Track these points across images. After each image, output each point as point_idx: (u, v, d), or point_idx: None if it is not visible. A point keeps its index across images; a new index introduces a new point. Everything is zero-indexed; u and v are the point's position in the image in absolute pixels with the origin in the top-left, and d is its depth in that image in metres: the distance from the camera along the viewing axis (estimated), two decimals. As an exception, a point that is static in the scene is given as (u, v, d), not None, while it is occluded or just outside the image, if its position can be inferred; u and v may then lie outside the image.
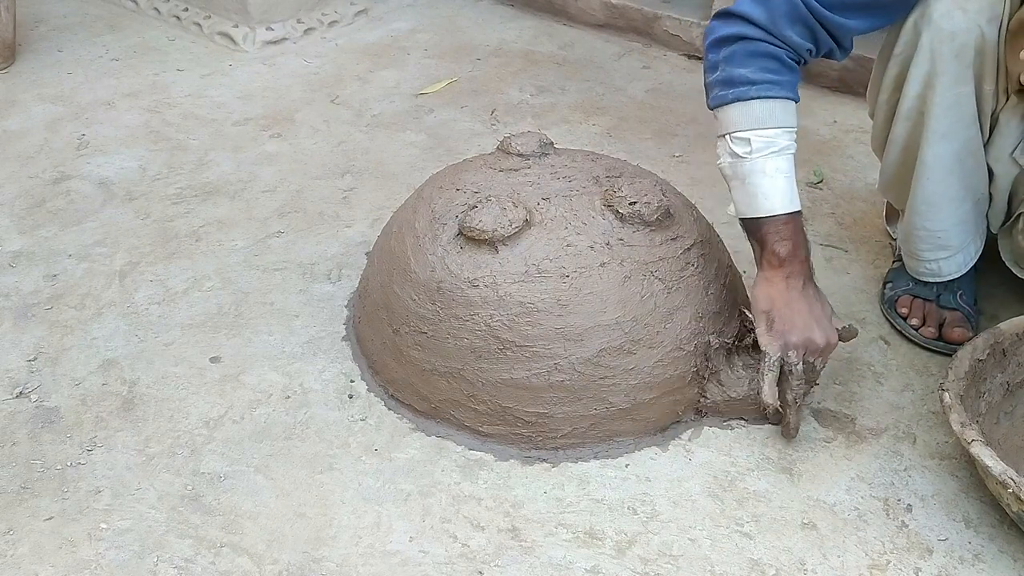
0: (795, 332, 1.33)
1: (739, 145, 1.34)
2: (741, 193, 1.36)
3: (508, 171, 1.51)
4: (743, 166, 1.34)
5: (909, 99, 1.41)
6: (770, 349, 1.33)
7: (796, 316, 1.33)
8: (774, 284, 1.34)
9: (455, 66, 2.56)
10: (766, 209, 1.34)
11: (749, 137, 1.33)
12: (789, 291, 1.34)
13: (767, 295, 1.35)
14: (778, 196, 1.33)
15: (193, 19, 2.76)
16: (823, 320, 1.36)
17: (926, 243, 1.53)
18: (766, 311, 1.34)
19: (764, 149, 1.33)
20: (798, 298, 1.34)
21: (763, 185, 1.33)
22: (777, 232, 1.34)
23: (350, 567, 1.22)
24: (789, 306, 1.34)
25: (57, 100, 2.38)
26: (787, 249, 1.33)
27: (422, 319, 1.40)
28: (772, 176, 1.33)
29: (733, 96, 1.33)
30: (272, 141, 2.21)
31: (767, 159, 1.33)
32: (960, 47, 1.33)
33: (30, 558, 1.24)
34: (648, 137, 2.21)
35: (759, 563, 1.23)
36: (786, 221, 1.34)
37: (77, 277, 1.75)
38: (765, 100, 1.32)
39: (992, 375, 1.36)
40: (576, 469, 1.36)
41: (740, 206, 1.37)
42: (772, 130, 1.33)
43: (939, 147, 1.41)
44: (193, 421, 1.44)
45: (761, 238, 1.35)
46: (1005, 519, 1.27)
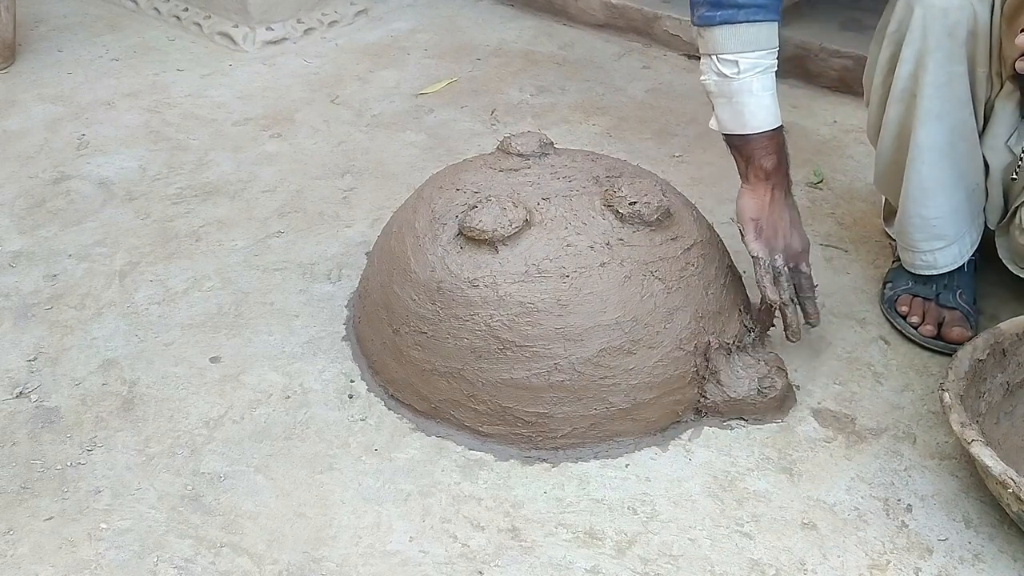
0: (779, 238, 1.44)
1: (727, 66, 1.39)
2: (728, 111, 1.41)
3: (508, 171, 1.51)
4: (730, 85, 1.39)
5: (902, 79, 1.43)
6: (761, 252, 1.42)
7: (779, 223, 1.44)
8: (758, 194, 1.42)
9: (455, 66, 2.56)
10: (753, 126, 1.40)
11: (737, 59, 1.37)
12: (773, 201, 1.43)
13: (754, 204, 1.43)
14: (764, 113, 1.39)
15: (193, 19, 2.76)
16: (799, 225, 1.47)
17: (921, 232, 1.53)
18: (754, 219, 1.43)
19: (751, 69, 1.38)
20: (781, 207, 1.44)
21: (750, 104, 1.39)
22: (763, 147, 1.40)
23: (350, 567, 1.22)
24: (773, 214, 1.43)
25: (57, 100, 2.38)
26: (772, 163, 1.41)
27: (422, 319, 1.40)
28: (758, 95, 1.39)
29: (721, 19, 1.37)
30: (272, 141, 2.21)
31: (754, 78, 1.38)
32: (953, 24, 1.35)
33: (30, 558, 1.24)
34: (648, 137, 2.21)
35: (759, 563, 1.23)
36: (771, 136, 1.41)
37: (77, 277, 1.75)
38: (752, 24, 1.36)
39: (992, 375, 1.36)
40: (576, 469, 1.36)
41: (726, 123, 1.43)
42: (759, 52, 1.38)
43: (931, 127, 1.42)
44: (193, 421, 1.44)
45: (748, 153, 1.42)
46: (1005, 519, 1.27)
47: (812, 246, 1.79)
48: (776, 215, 1.43)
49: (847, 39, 2.38)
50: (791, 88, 2.36)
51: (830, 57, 2.35)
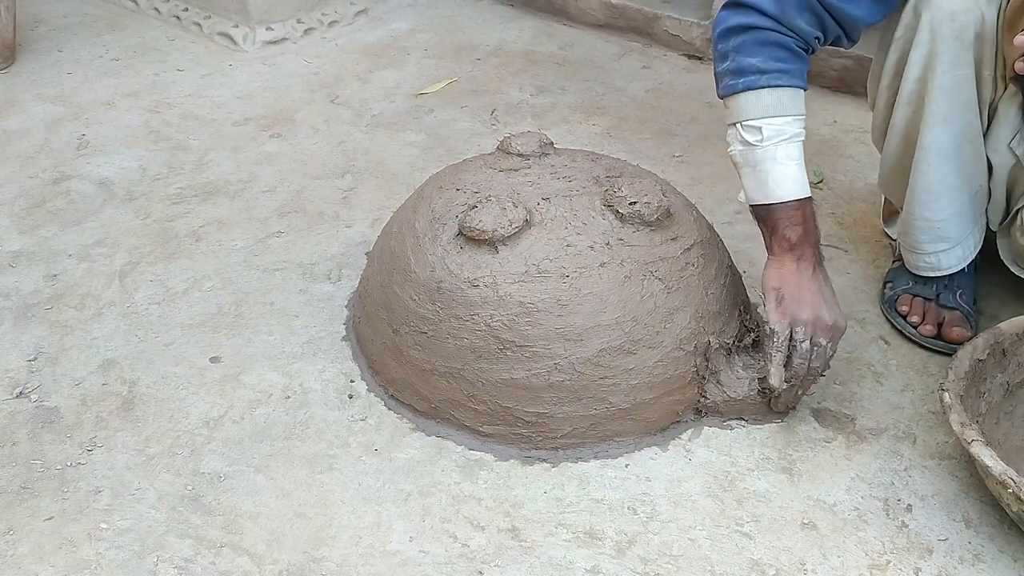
0: (804, 309, 1.35)
1: (750, 133, 1.37)
2: (752, 180, 1.38)
3: (508, 171, 1.51)
4: (754, 153, 1.37)
5: (910, 82, 1.43)
6: (779, 326, 1.34)
7: (806, 293, 1.35)
8: (784, 265, 1.37)
9: (455, 66, 2.56)
10: (777, 196, 1.36)
11: (760, 125, 1.35)
12: (800, 272, 1.37)
13: (777, 274, 1.37)
14: (788, 182, 1.36)
15: (193, 19, 2.76)
16: (832, 302, 1.37)
17: (926, 234, 1.53)
18: (776, 288, 1.37)
19: (775, 137, 1.35)
20: (808, 278, 1.37)
21: (774, 172, 1.36)
22: (788, 218, 1.36)
23: (350, 567, 1.22)
24: (799, 285, 1.36)
25: (57, 100, 2.38)
26: (798, 234, 1.36)
27: (422, 319, 1.40)
28: (783, 163, 1.36)
29: (744, 85, 1.35)
30: (272, 141, 2.21)
31: (778, 146, 1.36)
32: (960, 27, 1.35)
33: (30, 558, 1.24)
34: (648, 137, 2.21)
35: (759, 563, 1.23)
36: (797, 207, 1.36)
37: (77, 277, 1.75)
38: (775, 89, 1.35)
39: (992, 375, 1.36)
40: (576, 469, 1.36)
41: (751, 193, 1.39)
42: (782, 118, 1.35)
43: (938, 131, 1.42)
44: (193, 421, 1.44)
45: (772, 224, 1.38)
46: (1005, 519, 1.27)
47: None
48: (803, 286, 1.36)
49: (847, 39, 2.38)
50: (791, 88, 2.36)
51: (830, 57, 2.35)
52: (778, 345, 1.34)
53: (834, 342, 1.36)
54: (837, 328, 1.36)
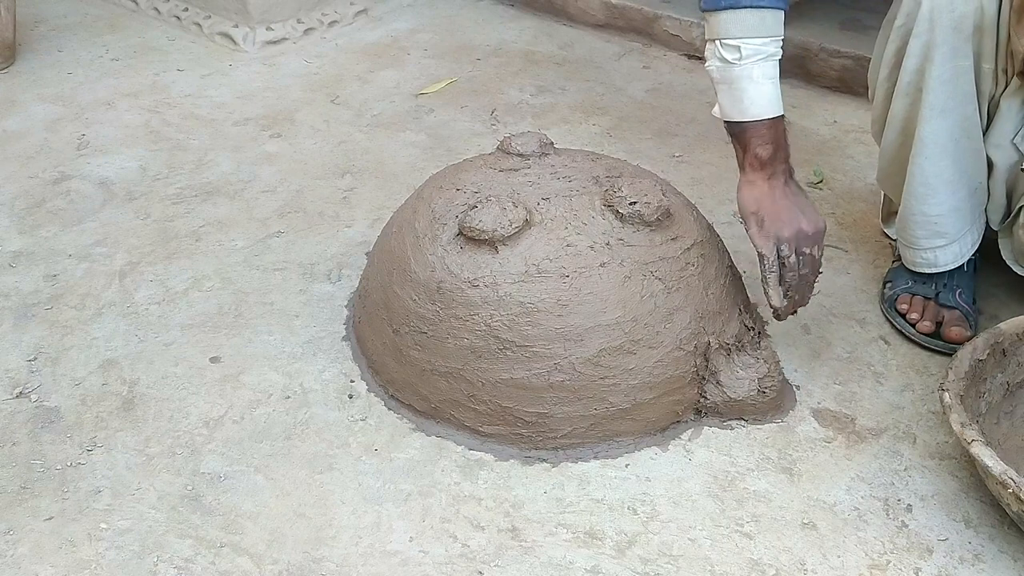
0: (785, 226, 1.38)
1: (729, 52, 1.37)
2: (728, 97, 1.39)
3: (508, 171, 1.51)
4: (731, 71, 1.37)
5: (908, 73, 1.43)
6: (765, 248, 1.38)
7: (782, 211, 1.38)
8: (757, 185, 1.39)
9: (455, 66, 2.56)
10: (752, 114, 1.37)
11: (739, 45, 1.36)
12: (772, 189, 1.39)
13: (752, 196, 1.39)
14: (764, 101, 1.37)
15: (193, 19, 2.76)
16: (808, 209, 1.41)
17: (922, 229, 1.54)
18: (754, 212, 1.39)
19: (753, 56, 1.36)
20: (781, 195, 1.39)
21: (749, 90, 1.37)
22: (760, 136, 1.38)
23: (350, 567, 1.22)
24: (775, 203, 1.38)
25: (57, 100, 2.38)
26: (768, 152, 1.38)
27: (422, 319, 1.40)
28: (759, 82, 1.37)
29: (726, 3, 1.36)
30: (272, 141, 2.21)
31: (755, 65, 1.36)
32: (959, 18, 1.35)
33: (30, 558, 1.24)
34: (648, 137, 2.21)
35: (759, 563, 1.23)
36: (769, 125, 1.38)
37: (77, 277, 1.75)
38: (756, 9, 1.35)
39: (992, 375, 1.36)
40: (576, 469, 1.36)
41: (726, 109, 1.40)
42: (761, 39, 1.36)
43: (935, 123, 1.43)
44: (193, 421, 1.44)
45: (745, 141, 1.39)
46: (1005, 519, 1.27)
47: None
48: (778, 204, 1.39)
49: (847, 39, 2.38)
50: (791, 88, 2.36)
51: (830, 57, 2.35)
52: (769, 266, 1.38)
53: (819, 246, 1.41)
54: (818, 232, 1.40)
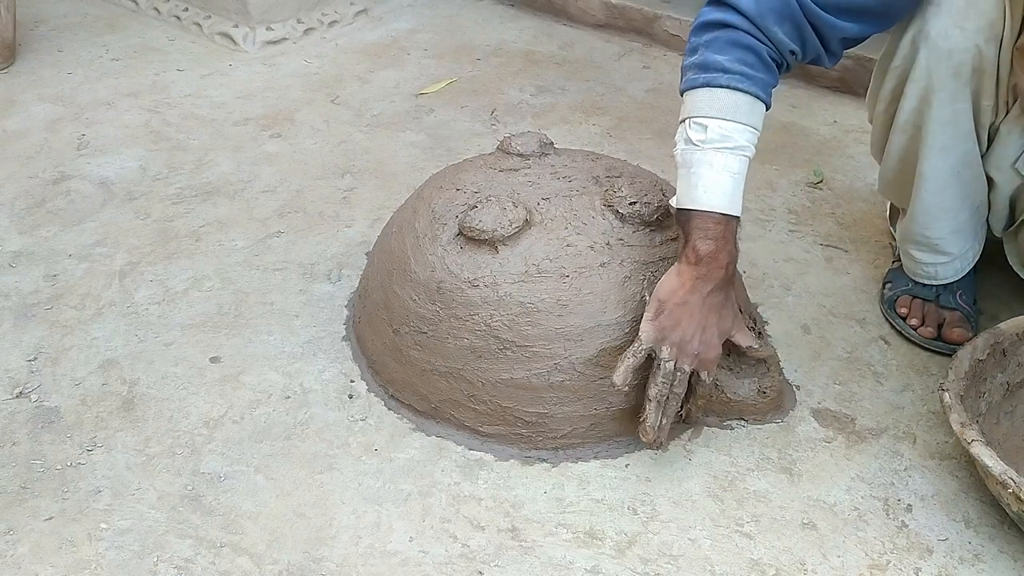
0: (677, 330, 1.27)
1: (695, 131, 1.27)
2: (683, 182, 1.29)
3: (508, 171, 1.51)
4: (693, 154, 1.27)
5: (906, 112, 1.42)
6: (644, 336, 1.27)
7: (685, 318, 1.27)
8: (681, 279, 1.27)
9: (455, 66, 2.56)
10: (701, 202, 1.26)
11: (707, 124, 1.26)
12: (692, 291, 1.27)
13: (669, 287, 1.28)
14: (717, 193, 1.26)
15: (193, 19, 2.76)
16: (712, 332, 1.29)
17: (923, 248, 1.54)
18: (661, 300, 1.28)
19: (718, 141, 1.26)
20: (697, 302, 1.27)
21: (706, 177, 1.26)
22: (704, 229, 1.26)
23: (350, 567, 1.22)
24: (683, 306, 1.27)
25: (57, 100, 2.38)
26: (708, 249, 1.26)
27: (422, 319, 1.40)
28: (718, 171, 1.26)
29: (703, 81, 1.27)
30: (272, 141, 2.21)
31: (717, 152, 1.26)
32: (958, 65, 1.33)
33: (30, 558, 1.24)
34: (648, 137, 2.21)
35: (759, 563, 1.23)
36: (718, 221, 1.26)
37: (77, 277, 1.75)
38: (733, 91, 1.26)
39: (992, 375, 1.36)
40: (576, 469, 1.36)
41: (680, 195, 1.30)
42: (732, 123, 1.26)
43: (936, 161, 1.42)
44: (193, 421, 1.44)
45: (688, 231, 1.28)
46: (1005, 519, 1.27)
47: (812, 246, 1.80)
48: (687, 308, 1.27)
49: (847, 39, 2.38)
50: (791, 88, 2.36)
51: (830, 57, 2.35)
52: (634, 350, 1.27)
53: (706, 369, 1.30)
54: (703, 360, 1.29)
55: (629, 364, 1.28)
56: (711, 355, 1.30)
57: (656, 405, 1.29)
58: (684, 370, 1.29)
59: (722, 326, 1.30)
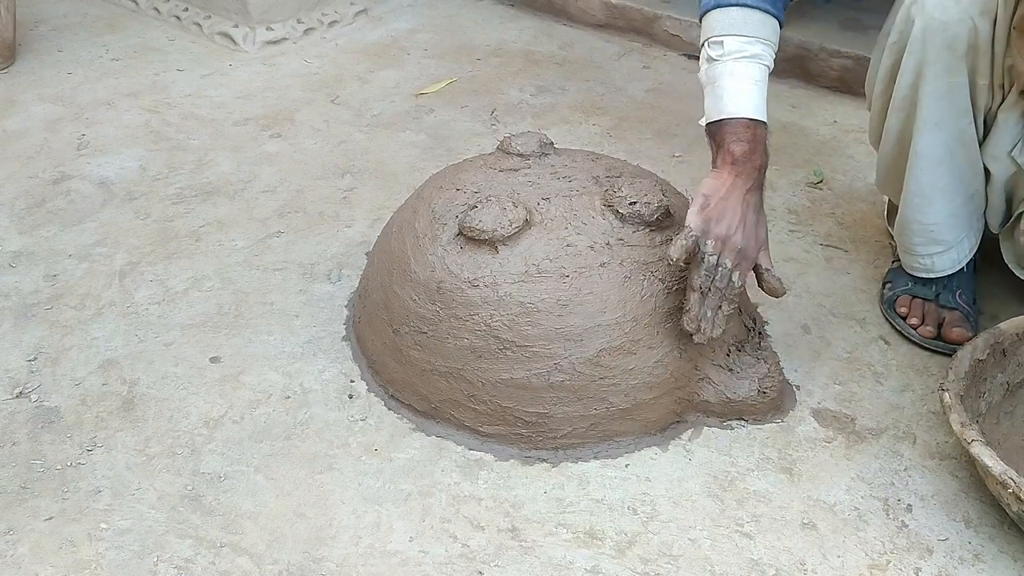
0: (722, 224, 1.31)
1: (714, 49, 1.35)
2: (709, 97, 1.36)
3: (508, 171, 1.51)
4: (714, 68, 1.35)
5: (902, 89, 1.43)
6: (692, 224, 1.30)
7: (728, 212, 1.31)
8: (721, 177, 1.33)
9: (455, 66, 2.56)
10: (729, 111, 1.33)
11: (723, 39, 1.34)
12: (733, 188, 1.32)
13: (712, 184, 1.33)
14: (743, 99, 1.33)
15: (193, 19, 2.76)
16: (751, 230, 1.33)
17: (919, 236, 1.54)
18: (706, 195, 1.32)
19: (736, 52, 1.34)
20: (738, 199, 1.32)
21: (730, 87, 1.33)
22: (736, 134, 1.33)
23: (350, 567, 1.22)
24: (727, 199, 1.32)
25: (57, 100, 2.38)
26: (743, 149, 1.32)
27: (422, 319, 1.40)
28: (739, 79, 1.33)
29: (715, 3, 1.35)
30: (272, 141, 2.21)
31: (737, 62, 1.34)
32: (952, 37, 1.35)
33: (30, 558, 1.24)
34: (648, 137, 2.21)
35: (759, 563, 1.23)
36: (747, 125, 1.33)
37: (77, 277, 1.75)
38: (744, 8, 1.34)
39: (992, 375, 1.36)
40: (576, 469, 1.36)
41: (708, 110, 1.36)
42: (746, 36, 1.34)
43: (930, 136, 1.42)
44: (193, 421, 1.44)
45: (720, 138, 1.34)
46: (1005, 519, 1.27)
47: (812, 246, 1.80)
48: (730, 203, 1.32)
49: (847, 39, 2.38)
50: (791, 88, 2.36)
51: (830, 57, 2.35)
52: (685, 233, 1.30)
53: (741, 270, 1.33)
54: (745, 255, 1.33)
55: (681, 244, 1.30)
56: (750, 253, 1.33)
57: (699, 296, 1.31)
58: (726, 265, 1.32)
59: (759, 230, 1.35)
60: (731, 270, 1.32)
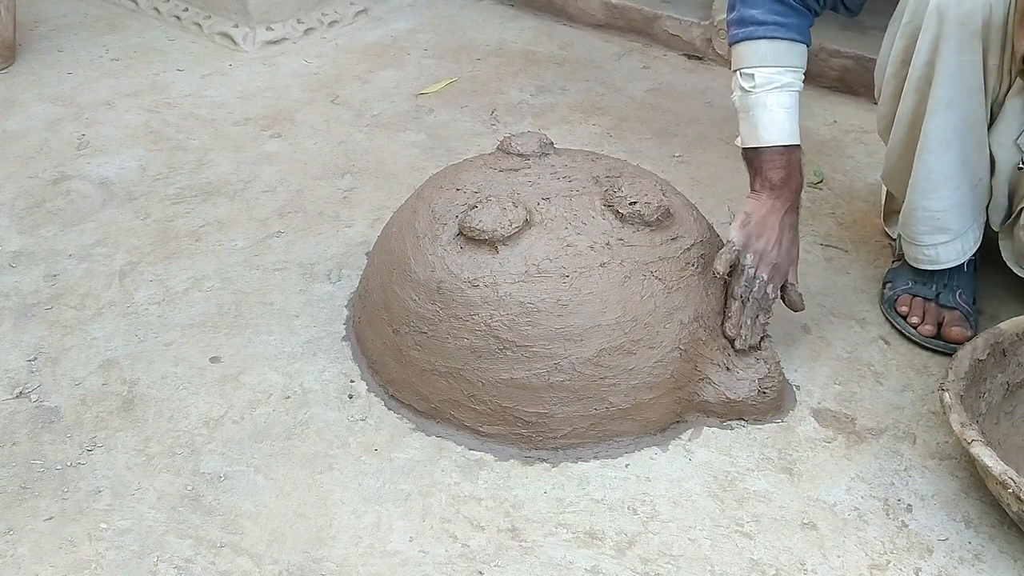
0: (760, 241, 1.43)
1: (746, 81, 1.45)
2: (745, 125, 1.47)
3: (508, 171, 1.51)
4: (748, 99, 1.46)
5: (917, 68, 1.44)
6: (735, 239, 1.42)
7: (768, 228, 1.43)
8: (761, 199, 1.45)
9: (455, 66, 2.56)
10: (764, 139, 1.45)
11: (753, 73, 1.44)
12: (772, 210, 1.44)
13: (753, 204, 1.45)
14: (776, 128, 1.44)
15: (193, 19, 2.76)
16: (786, 249, 1.45)
17: (925, 224, 1.54)
18: (748, 213, 1.44)
19: (766, 84, 1.44)
20: (778, 218, 1.44)
21: (763, 118, 1.44)
22: (772, 161, 1.45)
23: (350, 567, 1.22)
24: (767, 219, 1.44)
25: (57, 100, 2.38)
26: (780, 176, 1.44)
27: (422, 319, 1.40)
28: (772, 110, 1.44)
29: (743, 35, 1.45)
30: (272, 141, 2.21)
31: (769, 94, 1.44)
32: (967, 13, 1.36)
33: (30, 558, 1.24)
34: (648, 137, 2.21)
35: (759, 563, 1.23)
36: (782, 152, 1.45)
37: (77, 277, 1.75)
38: (771, 40, 1.43)
39: (992, 375, 1.36)
40: (576, 469, 1.36)
41: (744, 137, 1.48)
42: (775, 68, 1.44)
43: (941, 117, 1.43)
44: (193, 421, 1.44)
45: (758, 165, 1.46)
46: (1005, 519, 1.27)
47: (812, 246, 1.80)
48: (769, 221, 1.44)
49: (847, 39, 2.38)
50: (791, 88, 2.36)
51: (830, 57, 2.35)
52: (729, 248, 1.41)
53: (774, 283, 1.44)
54: (779, 269, 1.44)
55: (726, 257, 1.40)
56: (783, 268, 1.46)
57: (740, 304, 1.41)
58: (763, 278, 1.43)
59: (792, 249, 1.48)
60: (767, 283, 1.43)
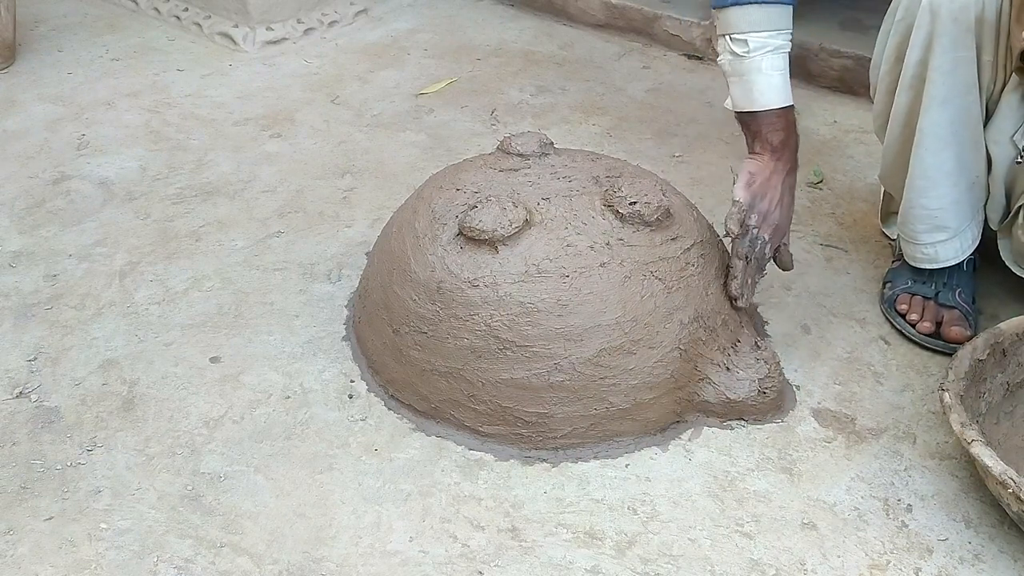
0: (763, 201, 1.44)
1: (738, 45, 1.43)
2: (739, 89, 1.46)
3: (508, 171, 1.51)
4: (742, 64, 1.44)
5: (911, 66, 1.45)
6: (741, 198, 1.43)
7: (772, 189, 1.45)
8: (763, 161, 1.46)
9: (455, 66, 2.56)
10: (762, 103, 1.44)
11: (746, 38, 1.42)
12: (775, 171, 1.45)
13: (756, 165, 1.46)
14: (772, 91, 1.44)
15: (193, 19, 2.76)
16: (786, 210, 1.48)
17: (923, 223, 1.54)
18: (751, 172, 1.45)
19: (761, 48, 1.42)
20: (780, 179, 1.46)
21: (759, 82, 1.43)
22: (771, 124, 1.44)
23: (350, 567, 1.22)
24: (770, 179, 1.45)
25: (57, 100, 2.38)
26: (780, 138, 1.45)
27: (422, 319, 1.40)
28: (768, 73, 1.43)
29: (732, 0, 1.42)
30: (272, 141, 2.21)
31: (763, 57, 1.43)
32: (959, 9, 1.36)
33: (30, 558, 1.24)
34: (648, 137, 2.21)
35: (759, 563, 1.23)
36: (780, 114, 1.44)
37: (77, 277, 1.75)
38: (761, 5, 1.41)
39: (992, 375, 1.36)
40: (576, 469, 1.36)
41: (738, 101, 1.46)
42: (767, 32, 1.42)
43: (936, 114, 1.43)
44: (193, 421, 1.44)
45: (756, 129, 1.46)
46: (1005, 519, 1.27)
47: (812, 246, 1.80)
48: (772, 182, 1.45)
49: (847, 39, 2.38)
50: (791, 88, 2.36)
51: (830, 57, 2.35)
52: (737, 207, 1.42)
53: (773, 243, 1.47)
54: (780, 230, 1.47)
55: (737, 217, 1.42)
56: (783, 229, 1.48)
57: (744, 264, 1.43)
58: (764, 239, 1.45)
59: (790, 211, 1.49)
60: (767, 242, 1.45)
